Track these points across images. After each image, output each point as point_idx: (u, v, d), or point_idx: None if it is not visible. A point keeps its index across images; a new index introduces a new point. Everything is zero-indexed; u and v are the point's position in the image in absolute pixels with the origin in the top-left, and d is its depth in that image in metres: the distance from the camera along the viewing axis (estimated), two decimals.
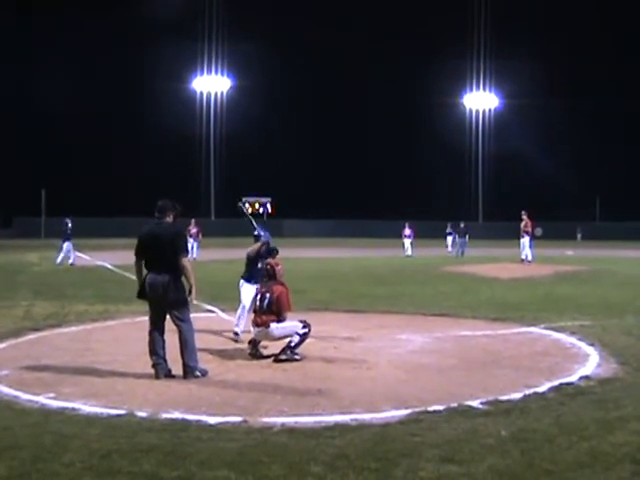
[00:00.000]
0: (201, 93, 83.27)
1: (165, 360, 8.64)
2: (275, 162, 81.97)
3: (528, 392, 7.67)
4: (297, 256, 32.70)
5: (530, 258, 30.24)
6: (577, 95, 79.30)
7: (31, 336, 11.57)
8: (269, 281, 9.84)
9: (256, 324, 9.62)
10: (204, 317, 13.21)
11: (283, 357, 9.41)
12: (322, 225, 77.25)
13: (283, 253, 11.46)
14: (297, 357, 9.47)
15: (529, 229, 30.88)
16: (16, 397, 7.55)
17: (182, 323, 8.61)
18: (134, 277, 9.05)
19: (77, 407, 7.09)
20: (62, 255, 29.76)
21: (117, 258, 31.93)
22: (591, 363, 9.26)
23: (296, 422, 6.59)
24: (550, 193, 79.04)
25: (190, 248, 33.55)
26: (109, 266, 28.24)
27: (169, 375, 8.56)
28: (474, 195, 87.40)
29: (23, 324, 12.68)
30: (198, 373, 8.52)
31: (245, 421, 6.58)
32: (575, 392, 7.69)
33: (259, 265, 10.99)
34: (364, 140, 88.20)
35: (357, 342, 11.05)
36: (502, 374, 8.79)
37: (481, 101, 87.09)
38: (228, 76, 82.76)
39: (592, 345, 10.47)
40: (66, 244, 30.00)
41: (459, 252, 38.66)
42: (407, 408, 7.01)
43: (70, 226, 30.64)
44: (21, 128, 76.11)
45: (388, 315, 14.35)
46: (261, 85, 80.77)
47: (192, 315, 8.89)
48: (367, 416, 6.77)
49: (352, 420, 6.62)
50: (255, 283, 10.61)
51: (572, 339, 11.18)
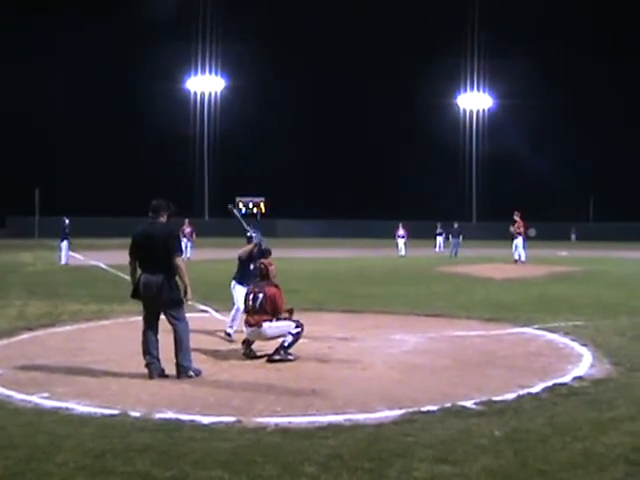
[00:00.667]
0: (195, 93, 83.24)
1: (158, 360, 8.63)
2: (269, 162, 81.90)
3: (522, 392, 7.68)
4: (291, 256, 32.70)
5: (524, 259, 30.26)
6: (571, 95, 79.54)
7: (24, 336, 11.54)
8: (262, 281, 9.84)
9: (249, 324, 9.61)
10: (198, 317, 13.18)
11: (276, 357, 9.40)
12: (316, 225, 77.23)
13: (277, 253, 11.47)
14: (290, 357, 9.46)
15: (521, 230, 30.75)
16: (9, 397, 7.53)
17: (177, 322, 8.60)
18: (128, 277, 9.05)
19: (71, 407, 7.08)
20: (64, 254, 29.65)
21: (111, 258, 31.86)
22: (584, 363, 9.27)
23: (290, 422, 6.58)
24: (544, 193, 79.12)
25: (184, 248, 33.54)
26: (103, 266, 28.19)
27: (162, 375, 8.55)
28: (468, 195, 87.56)
29: (17, 324, 12.65)
30: (192, 373, 8.51)
31: (239, 421, 6.58)
32: (568, 392, 7.70)
33: (251, 266, 10.98)
34: (358, 140, 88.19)
35: (351, 342, 11.05)
36: (496, 374, 8.80)
37: (475, 101, 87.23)
38: (222, 76, 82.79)
39: (585, 345, 10.48)
40: (64, 243, 29.91)
41: (452, 252, 38.68)
42: (401, 408, 7.02)
43: (67, 224, 30.60)
44: (14, 127, 75.86)
45: (382, 315, 14.35)
46: (255, 85, 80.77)
47: (187, 314, 8.90)
48: (361, 416, 6.77)
49: (346, 420, 6.62)
50: (247, 285, 10.55)
51: (566, 339, 11.19)
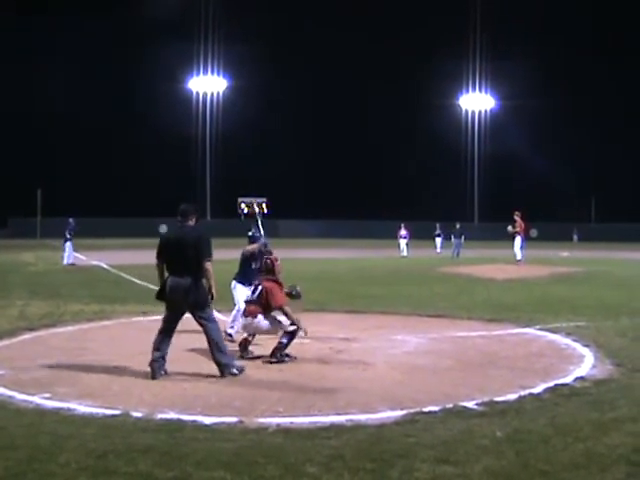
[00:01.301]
0: (197, 93, 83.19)
1: (164, 359, 8.67)
2: (271, 162, 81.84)
3: (523, 393, 7.68)
4: (293, 257, 32.67)
5: (519, 257, 29.82)
6: (572, 96, 79.34)
7: (26, 336, 11.55)
8: (266, 275, 9.87)
9: (244, 314, 9.65)
10: None
11: (274, 360, 9.40)
12: (318, 226, 77.21)
13: (278, 254, 11.44)
14: (287, 359, 9.46)
15: (518, 229, 30.16)
16: (11, 397, 7.53)
17: (207, 323, 8.70)
18: (129, 277, 9.06)
19: (73, 407, 7.08)
20: (67, 254, 29.65)
21: (113, 258, 31.95)
22: (586, 364, 9.27)
23: (292, 423, 6.59)
24: (546, 194, 78.99)
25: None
26: (105, 266, 28.21)
27: (165, 374, 8.59)
28: (470, 196, 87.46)
29: (18, 324, 12.66)
30: (235, 370, 8.56)
31: (241, 421, 6.59)
32: (570, 393, 7.70)
33: (252, 266, 10.99)
34: (360, 141, 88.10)
35: (353, 343, 11.06)
36: (497, 375, 8.81)
37: (477, 102, 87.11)
38: (224, 76, 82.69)
39: (587, 346, 10.48)
40: (68, 244, 29.88)
41: (454, 253, 38.64)
42: (403, 409, 7.02)
43: (73, 225, 30.62)
44: (16, 127, 75.89)
45: (384, 316, 14.36)
46: (257, 85, 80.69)
47: (187, 315, 8.92)
48: (363, 417, 6.77)
49: (348, 421, 6.63)
50: (249, 285, 10.55)
51: (567, 340, 11.19)
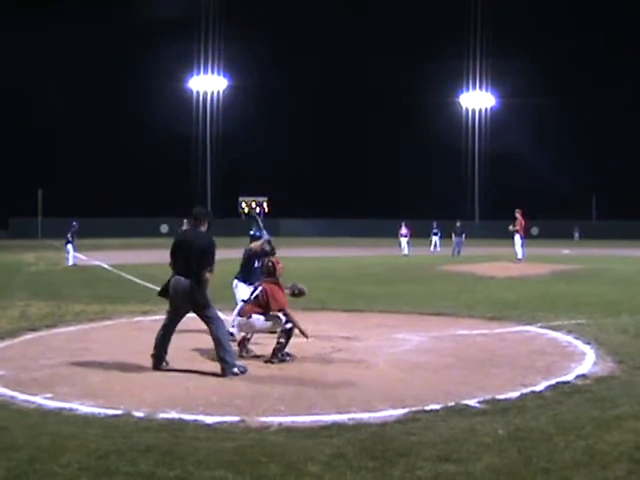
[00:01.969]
0: (197, 92, 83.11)
1: (166, 351, 8.90)
2: (271, 162, 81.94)
3: (525, 391, 7.68)
4: (294, 255, 32.67)
5: (520, 256, 29.87)
6: (573, 94, 79.42)
7: (27, 336, 11.55)
8: (267, 277, 9.86)
9: (240, 314, 9.64)
10: None
11: (275, 360, 9.38)
12: (319, 224, 77.21)
13: (279, 253, 11.46)
14: (288, 359, 9.46)
15: (517, 228, 30.13)
16: (13, 397, 7.54)
17: (211, 321, 8.78)
18: (130, 277, 9.09)
19: (74, 407, 7.09)
20: (71, 255, 29.63)
21: (114, 258, 31.95)
22: (587, 362, 9.27)
23: (293, 421, 6.60)
24: (547, 192, 78.96)
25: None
26: (106, 266, 28.21)
27: (166, 367, 8.80)
28: (470, 194, 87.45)
29: (19, 324, 12.66)
30: (237, 370, 8.59)
31: (242, 420, 6.59)
32: (572, 391, 7.70)
33: (255, 264, 10.98)
34: (361, 139, 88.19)
35: (354, 341, 11.05)
36: (499, 373, 8.80)
37: (478, 100, 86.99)
38: (224, 76, 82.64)
39: (588, 344, 10.49)
40: (69, 246, 29.85)
41: (455, 251, 38.62)
42: (404, 407, 7.02)
43: (77, 229, 30.58)
44: (17, 127, 75.97)
45: (385, 314, 14.36)
46: (257, 85, 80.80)
47: (190, 315, 8.94)
48: (364, 415, 6.77)
49: (349, 419, 6.63)
50: (251, 284, 10.53)
51: (568, 338, 11.19)
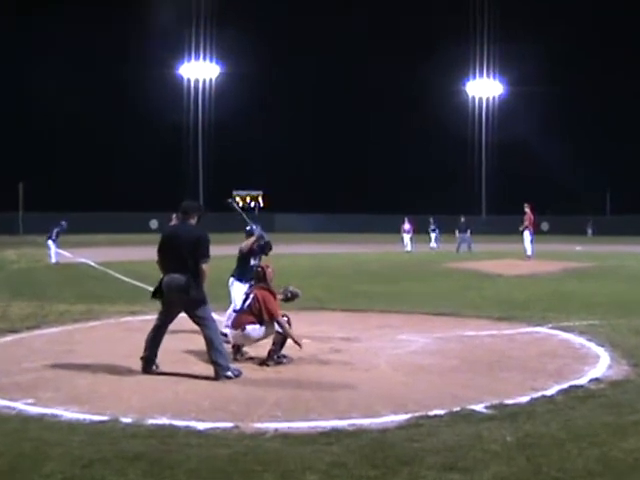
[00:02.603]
0: (188, 80, 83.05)
1: (156, 354, 8.90)
2: (267, 154, 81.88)
3: (535, 395, 7.68)
4: (290, 252, 32.69)
5: (529, 253, 30.11)
6: (587, 81, 79.31)
7: (8, 338, 11.53)
8: (258, 283, 9.84)
9: (232, 326, 9.60)
10: None
11: (270, 363, 9.39)
12: (316, 219, 77.22)
13: (275, 249, 11.45)
14: (285, 361, 9.46)
15: (527, 224, 30.33)
16: None
17: (204, 322, 8.80)
18: (118, 275, 9.08)
19: (58, 413, 7.07)
20: (53, 251, 29.54)
21: (100, 255, 31.91)
22: (601, 364, 9.27)
23: (290, 427, 6.59)
24: (558, 185, 78.95)
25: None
26: (92, 263, 28.19)
27: (156, 370, 8.81)
28: (477, 188, 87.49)
29: None
30: (230, 373, 8.60)
31: (236, 427, 6.58)
32: (585, 395, 7.70)
33: (252, 262, 10.97)
34: (361, 130, 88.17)
35: (354, 343, 11.05)
36: (507, 376, 8.80)
37: (485, 88, 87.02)
38: (217, 62, 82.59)
39: (602, 346, 10.48)
40: (50, 242, 29.77)
41: (459, 248, 38.51)
42: (407, 412, 7.01)
43: (64, 229, 30.46)
44: None
45: (387, 314, 14.35)
46: (251, 72, 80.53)
47: (182, 314, 8.92)
48: (365, 421, 6.77)
49: (349, 425, 6.62)
50: (247, 282, 10.56)
51: (581, 339, 11.19)
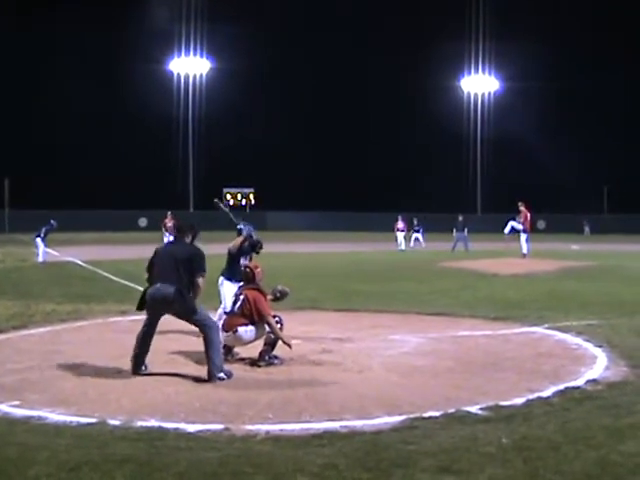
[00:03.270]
0: (178, 75, 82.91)
1: (145, 355, 8.91)
2: (258, 150, 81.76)
3: (531, 397, 7.70)
4: (282, 251, 32.68)
5: (525, 251, 30.19)
6: (583, 77, 79.45)
7: None
8: (247, 284, 9.83)
9: (224, 329, 9.59)
10: None
11: (262, 363, 9.39)
12: (309, 217, 77.17)
13: (267, 248, 11.44)
14: (276, 361, 9.46)
15: (522, 221, 30.39)
16: None
17: (203, 325, 8.82)
18: (106, 274, 9.06)
19: (44, 415, 7.04)
20: (41, 250, 29.40)
21: (88, 253, 31.83)
22: (599, 365, 9.29)
23: (282, 430, 6.59)
24: (555, 183, 79.01)
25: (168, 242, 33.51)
26: (79, 262, 28.11)
27: (145, 371, 8.82)
28: (472, 185, 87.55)
29: None
30: (222, 375, 8.61)
31: (227, 429, 6.58)
32: (582, 397, 7.71)
33: (241, 261, 10.96)
34: (354, 126, 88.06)
35: (347, 343, 11.05)
36: (503, 377, 8.81)
37: (480, 84, 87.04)
38: (207, 57, 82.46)
39: (600, 346, 10.51)
40: (39, 240, 29.65)
41: (454, 247, 38.53)
42: (401, 414, 7.02)
43: (53, 228, 30.35)
44: None
45: (380, 314, 14.36)
46: (243, 67, 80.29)
47: (167, 316, 8.91)
48: (358, 423, 6.77)
49: (342, 427, 6.62)
50: (237, 282, 10.54)
51: (578, 340, 11.21)
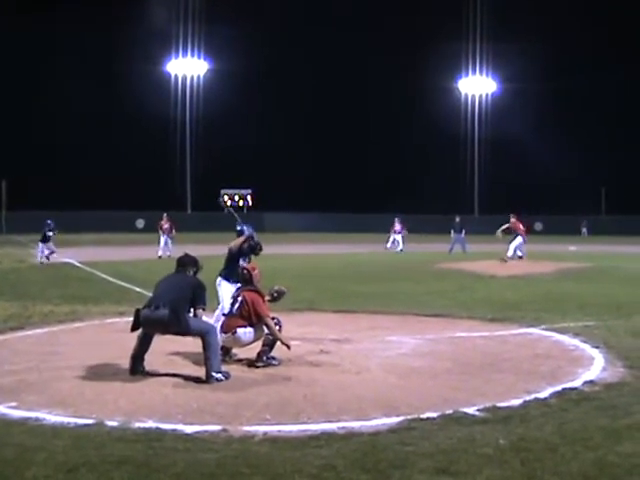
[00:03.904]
0: (176, 76, 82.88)
1: (144, 356, 8.93)
2: (256, 151, 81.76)
3: (528, 398, 7.70)
4: (280, 252, 32.67)
5: (510, 254, 29.82)
6: (581, 78, 79.48)
7: None
8: (245, 286, 9.83)
9: (222, 330, 9.59)
10: None
11: (260, 364, 9.39)
12: (307, 218, 77.14)
13: (265, 249, 11.43)
14: (275, 362, 9.46)
15: (518, 228, 30.22)
16: None
17: (203, 334, 8.81)
18: (103, 275, 9.07)
19: (41, 417, 7.03)
20: (42, 251, 29.35)
21: (85, 255, 31.80)
22: (596, 367, 9.30)
23: (279, 431, 6.59)
24: (552, 184, 79.10)
25: (162, 244, 33.57)
26: (76, 263, 28.08)
27: (143, 372, 8.83)
28: (469, 187, 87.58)
29: None
30: (220, 376, 8.62)
31: (224, 430, 6.57)
32: (579, 398, 7.71)
33: (241, 262, 10.96)
34: (352, 127, 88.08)
35: (345, 344, 11.05)
36: (500, 378, 8.82)
37: (477, 86, 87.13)
38: (205, 58, 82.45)
39: (597, 347, 10.52)
40: (40, 243, 29.59)
41: (452, 249, 38.54)
42: (399, 415, 7.02)
43: (50, 228, 30.25)
44: None
45: (378, 315, 14.37)
46: (240, 68, 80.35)
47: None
48: (356, 424, 6.77)
49: (340, 428, 6.62)
50: (235, 282, 10.54)
51: (575, 341, 11.23)
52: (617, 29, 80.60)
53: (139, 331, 9.00)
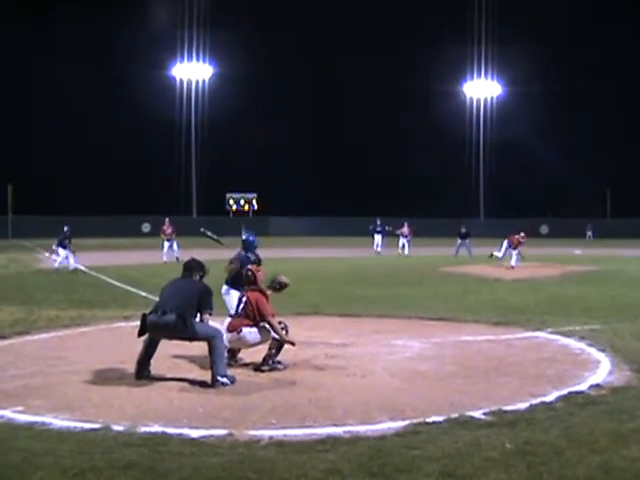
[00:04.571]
0: (181, 81, 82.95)
1: (149, 362, 8.95)
2: (261, 155, 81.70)
3: (534, 402, 7.69)
4: (285, 256, 32.66)
5: (500, 255, 30.31)
6: (586, 81, 79.32)
7: None
8: (249, 286, 9.83)
9: (228, 329, 9.60)
10: None
11: (265, 368, 9.40)
12: (312, 223, 77.08)
13: (270, 253, 11.47)
14: (280, 367, 9.46)
15: (515, 241, 30.41)
16: None
17: (209, 338, 8.82)
18: (109, 279, 9.08)
19: (47, 421, 7.05)
20: (62, 257, 29.26)
21: (92, 259, 31.80)
22: (602, 370, 9.29)
23: (285, 435, 6.59)
24: (557, 187, 78.94)
25: (166, 249, 33.32)
26: (82, 268, 28.12)
27: (149, 377, 8.84)
28: (475, 190, 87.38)
29: None
30: (226, 380, 8.63)
31: (230, 434, 6.58)
32: (585, 402, 7.70)
33: (243, 272, 10.97)
34: (357, 131, 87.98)
35: (350, 348, 11.05)
36: (506, 382, 8.81)
37: (482, 89, 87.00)
38: (210, 63, 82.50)
39: (603, 351, 10.50)
40: (61, 249, 29.48)
41: (457, 252, 38.54)
42: (404, 419, 7.02)
43: (67, 235, 30.16)
44: None
45: (383, 319, 14.36)
46: (245, 73, 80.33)
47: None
48: (361, 428, 6.77)
49: (345, 432, 6.62)
50: (241, 289, 10.55)
51: (581, 344, 11.21)
52: (621, 32, 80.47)
53: (145, 336, 9.02)
